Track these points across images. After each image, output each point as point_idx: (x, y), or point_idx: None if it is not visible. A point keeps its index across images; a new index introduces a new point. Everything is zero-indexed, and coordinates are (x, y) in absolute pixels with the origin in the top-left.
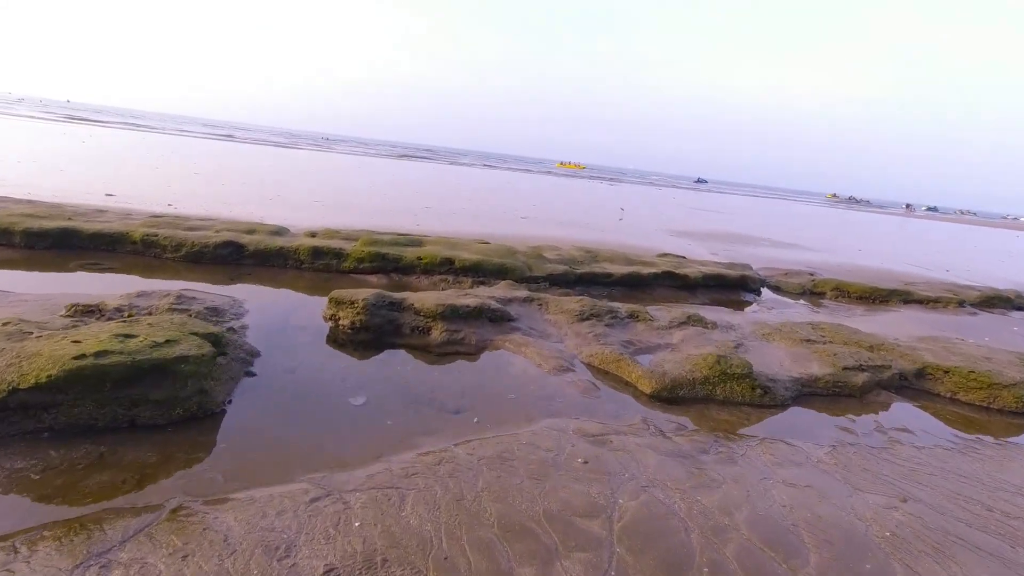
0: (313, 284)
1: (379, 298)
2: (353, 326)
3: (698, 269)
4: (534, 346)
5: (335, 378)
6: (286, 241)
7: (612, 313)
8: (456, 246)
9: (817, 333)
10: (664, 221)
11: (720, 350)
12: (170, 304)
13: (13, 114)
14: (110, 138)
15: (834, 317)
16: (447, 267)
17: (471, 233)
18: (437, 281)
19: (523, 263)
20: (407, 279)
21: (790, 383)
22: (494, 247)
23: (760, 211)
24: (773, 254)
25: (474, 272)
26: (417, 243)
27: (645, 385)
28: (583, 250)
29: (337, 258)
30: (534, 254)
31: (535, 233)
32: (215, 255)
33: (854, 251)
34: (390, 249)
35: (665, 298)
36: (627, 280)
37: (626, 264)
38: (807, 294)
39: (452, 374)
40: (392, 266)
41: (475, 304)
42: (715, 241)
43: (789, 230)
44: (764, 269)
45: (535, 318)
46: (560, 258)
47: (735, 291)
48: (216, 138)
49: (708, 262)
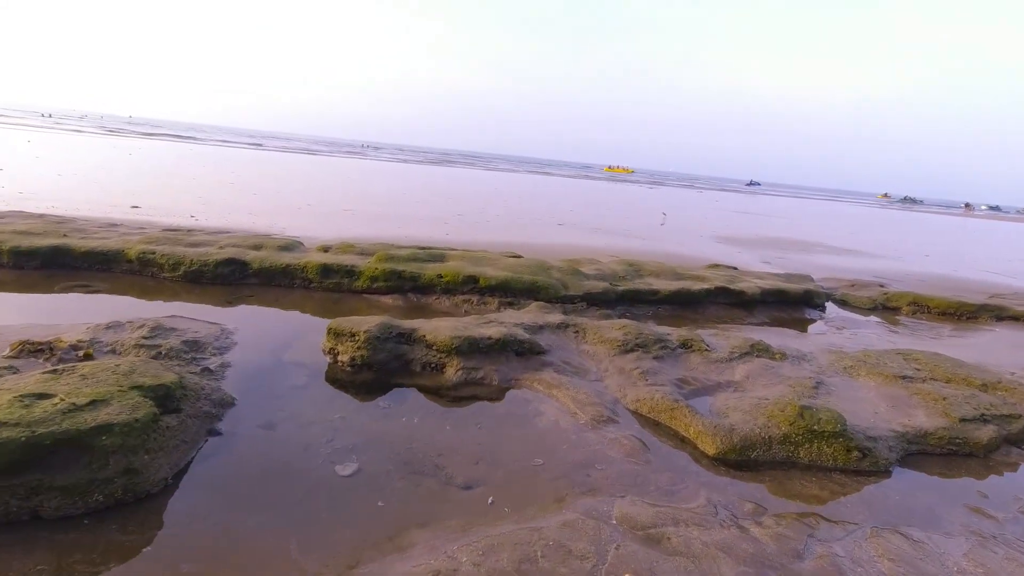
0: (322, 306)
1: (385, 329)
2: (353, 363)
3: (755, 284)
4: (568, 387)
5: (323, 436)
6: (293, 258)
7: (661, 343)
8: (482, 261)
9: (911, 365)
10: (709, 226)
11: (797, 393)
12: (140, 338)
13: (69, 129)
14: (156, 151)
15: (919, 340)
16: (471, 286)
17: (504, 243)
18: (460, 302)
19: (557, 280)
20: (426, 299)
21: (893, 441)
22: (525, 262)
23: (810, 213)
24: (831, 262)
25: (501, 291)
26: (439, 258)
27: (707, 444)
28: (625, 263)
29: (349, 276)
30: (570, 269)
31: (572, 242)
32: (215, 274)
33: (920, 256)
34: (407, 266)
35: (719, 318)
36: (676, 298)
37: (674, 278)
38: (879, 309)
39: (466, 428)
40: (410, 285)
41: (498, 335)
42: (765, 248)
43: (844, 234)
44: (825, 280)
45: (570, 349)
46: (599, 273)
47: (797, 308)
48: (258, 148)
49: (764, 274)
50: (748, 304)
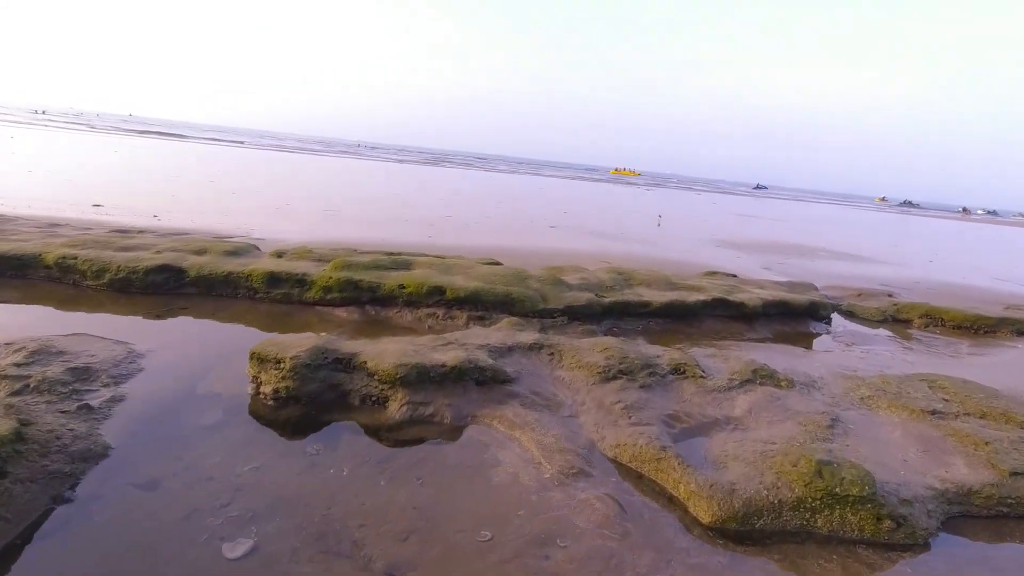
0: (266, 320)
1: (317, 354)
2: (277, 395)
3: (756, 294)
4: (535, 428)
5: (218, 497)
6: (238, 265)
7: (649, 368)
8: (453, 269)
9: (938, 395)
10: (707, 229)
11: (809, 434)
12: (10, 365)
13: (58, 125)
14: (144, 148)
15: (937, 358)
16: (437, 298)
17: (489, 247)
18: (423, 316)
19: (535, 291)
20: (386, 313)
21: (932, 502)
22: (501, 271)
23: (810, 217)
24: (835, 268)
25: (471, 304)
26: (406, 265)
27: (701, 509)
28: (614, 271)
29: (300, 286)
30: (551, 278)
31: (562, 246)
32: (146, 283)
33: (924, 262)
34: (365, 275)
35: (717, 332)
36: (669, 310)
37: (667, 288)
38: (889, 321)
39: (404, 484)
40: (368, 296)
41: (454, 363)
42: (766, 252)
43: (845, 238)
44: (829, 288)
45: (542, 376)
46: (584, 283)
47: (802, 321)
48: (249, 147)
49: (765, 282)
50: (748, 317)
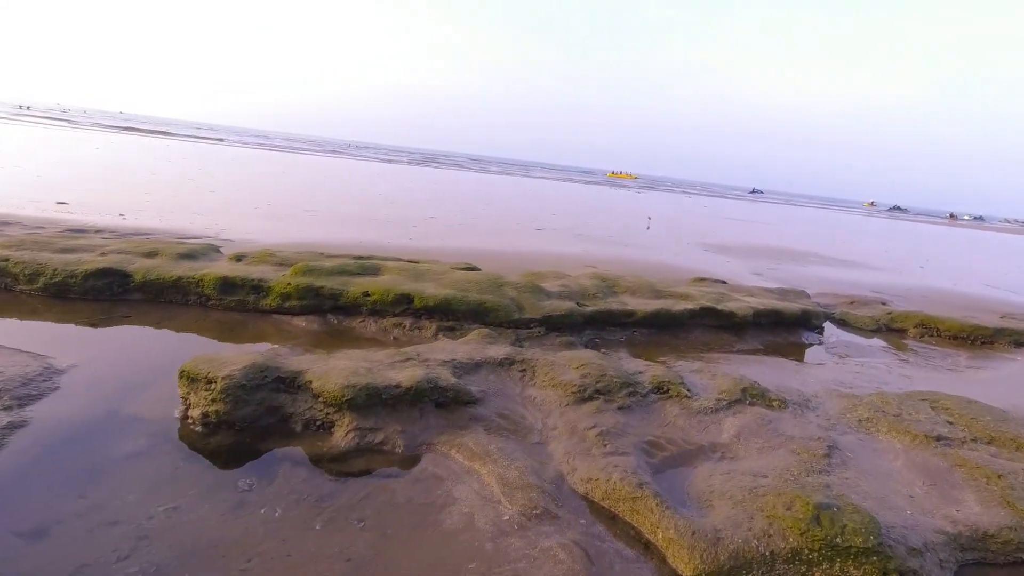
0: (218, 330)
1: (255, 373)
2: (207, 420)
3: (746, 303)
4: (498, 458)
5: (114, 549)
6: (190, 269)
7: (629, 387)
8: (424, 275)
9: (942, 418)
10: (697, 233)
11: (804, 465)
12: None
13: (39, 121)
14: (125, 145)
15: (935, 372)
16: (404, 306)
17: (470, 250)
18: (389, 325)
19: (510, 300)
20: (349, 322)
21: (944, 549)
22: (476, 277)
23: (800, 221)
24: (826, 273)
25: (441, 314)
26: (373, 270)
27: (682, 560)
28: (597, 277)
29: (256, 293)
30: (529, 285)
31: (547, 249)
32: (86, 288)
33: (915, 268)
34: (328, 281)
35: (705, 344)
36: (655, 320)
37: (653, 296)
38: (883, 331)
39: (342, 529)
40: (330, 304)
41: (410, 383)
42: (756, 257)
43: (836, 243)
44: (822, 295)
45: (511, 396)
46: (565, 290)
47: (793, 331)
48: (236, 145)
49: (756, 289)
50: (738, 327)
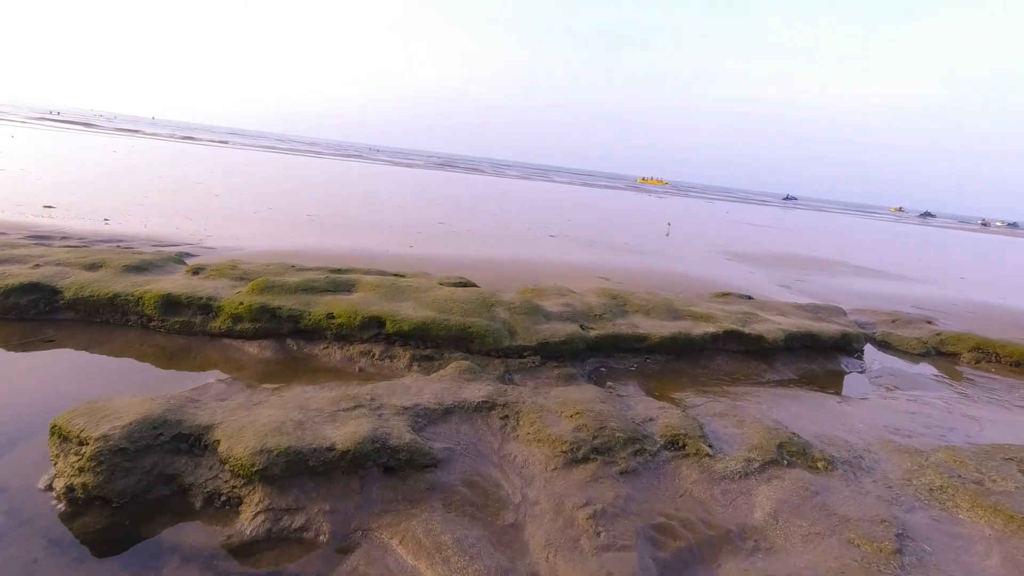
0: (156, 356)
1: (144, 432)
2: (73, 495)
3: (776, 325)
4: (452, 556)
5: None
6: (131, 285)
7: (634, 442)
8: (404, 292)
9: None
10: (719, 241)
11: (869, 568)
12: None
13: (64, 127)
14: (146, 150)
15: (1005, 410)
16: (374, 331)
17: (473, 258)
18: (356, 354)
19: (501, 323)
20: (311, 348)
21: None
22: (464, 296)
23: (825, 227)
24: (859, 286)
25: (417, 340)
26: (346, 286)
27: None
28: (607, 294)
29: (204, 313)
30: (526, 305)
31: (557, 258)
32: (7, 305)
33: (955, 279)
34: (287, 300)
35: (729, 373)
36: (671, 345)
37: (669, 316)
38: (932, 355)
39: None
40: (289, 327)
41: (349, 445)
42: (782, 267)
43: (867, 251)
44: (858, 312)
45: (486, 454)
46: (567, 310)
47: (831, 356)
48: (261, 149)
49: (786, 306)
50: (768, 353)
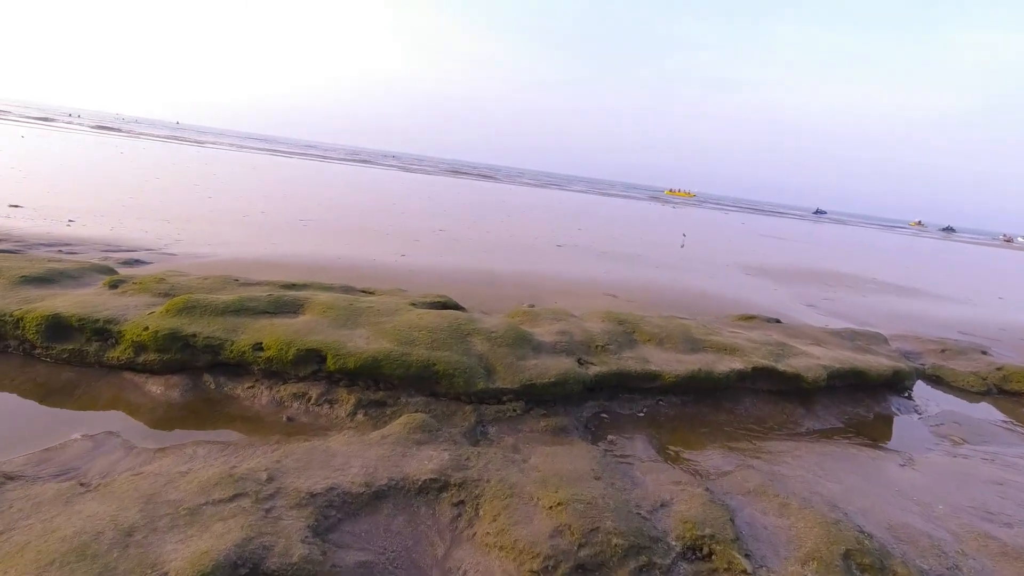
0: (36, 393)
1: None
2: None
3: (815, 360)
4: None
5: None
6: (12, 303)
7: (640, 551)
8: (361, 316)
9: None
10: (737, 253)
11: None
12: None
13: (76, 128)
14: (158, 152)
15: None
16: (313, 367)
17: (469, 270)
18: (287, 396)
19: (477, 358)
20: (233, 388)
21: None
22: (433, 321)
23: (848, 241)
24: (892, 305)
25: (368, 378)
26: (292, 307)
27: None
28: (613, 318)
29: (100, 339)
30: (511, 334)
31: (561, 271)
32: None
33: (992, 299)
34: (208, 326)
35: (760, 420)
36: (688, 385)
37: (686, 346)
38: (993, 393)
39: None
40: (207, 359)
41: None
42: (806, 283)
43: (894, 266)
44: (899, 337)
45: (424, 569)
46: (563, 340)
47: (878, 396)
48: (273, 153)
49: (821, 333)
50: (806, 394)
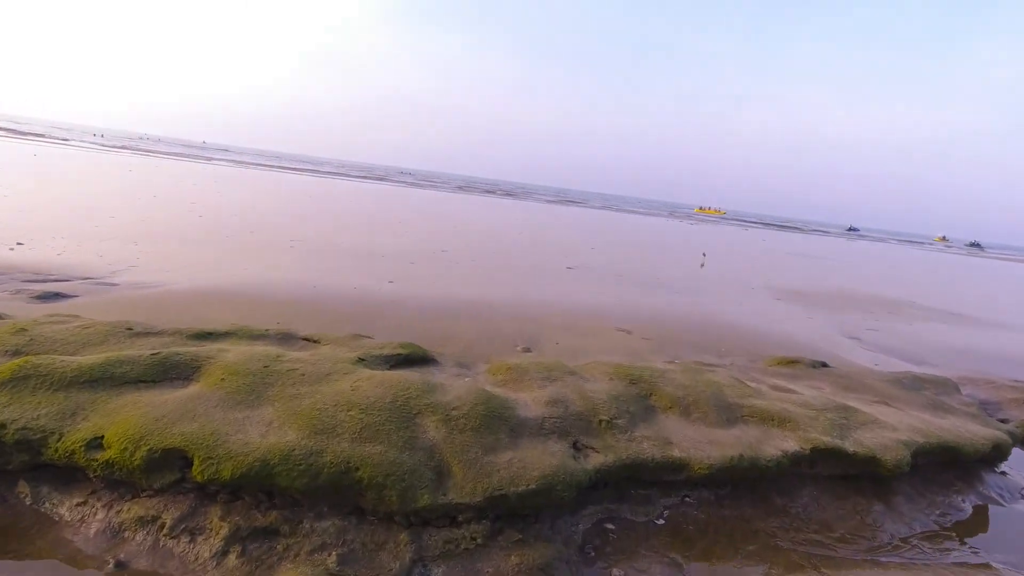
0: None
1: None
2: None
3: (891, 433)
4: None
5: None
6: None
7: None
8: (272, 384)
9: None
10: (760, 273)
11: None
12: None
13: (92, 147)
14: (161, 168)
15: None
16: (176, 474)
17: (461, 300)
18: (130, 522)
19: (424, 453)
20: (56, 505)
21: None
22: (366, 394)
23: (876, 258)
24: (946, 336)
25: (256, 491)
26: (185, 371)
27: None
28: (624, 375)
29: None
30: (480, 410)
31: (569, 299)
32: None
33: None
34: (33, 409)
35: (824, 526)
36: (726, 475)
37: (720, 416)
38: None
39: None
40: (21, 461)
41: None
42: (842, 308)
43: (932, 287)
44: (967, 381)
45: None
46: (555, 411)
47: (969, 475)
48: (297, 172)
49: (882, 383)
50: (882, 480)
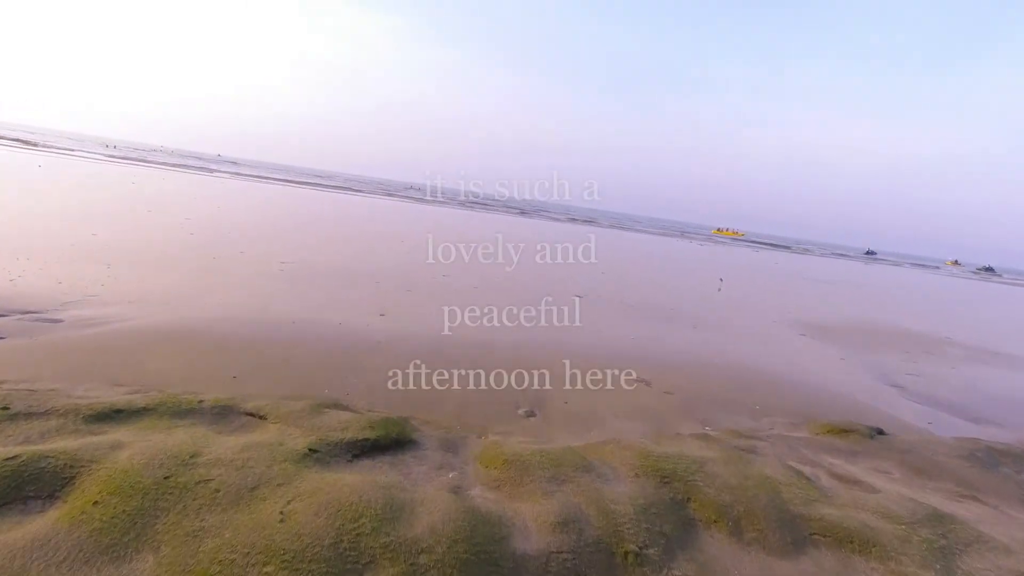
0: None
1: None
2: None
3: (1005, 563)
4: None
5: None
6: None
7: None
8: (165, 513)
9: None
10: (781, 302)
11: None
12: None
13: (101, 159)
14: (160, 178)
15: None
16: None
17: (451, 342)
18: None
19: None
20: None
21: None
22: (301, 525)
23: (896, 284)
24: (995, 382)
25: None
26: (50, 486)
27: None
28: (653, 470)
29: None
30: (460, 548)
31: (577, 339)
32: None
33: None
34: None
35: None
36: None
37: (782, 537)
38: None
39: None
40: None
41: None
42: (878, 348)
43: (963, 319)
44: None
45: None
46: (566, 542)
47: None
48: (317, 188)
49: (958, 462)
50: None
